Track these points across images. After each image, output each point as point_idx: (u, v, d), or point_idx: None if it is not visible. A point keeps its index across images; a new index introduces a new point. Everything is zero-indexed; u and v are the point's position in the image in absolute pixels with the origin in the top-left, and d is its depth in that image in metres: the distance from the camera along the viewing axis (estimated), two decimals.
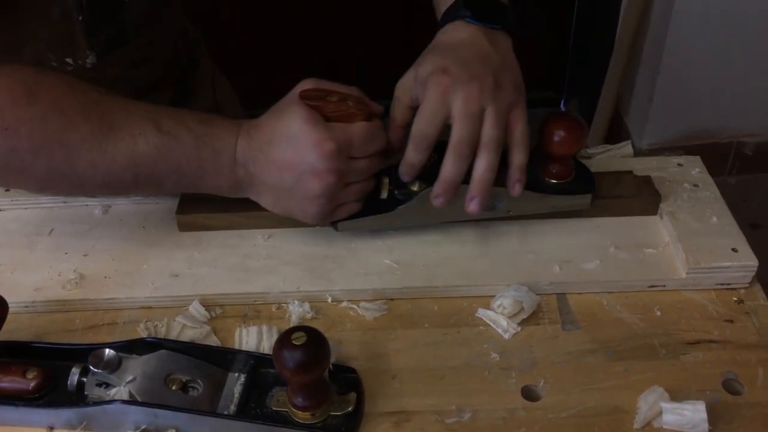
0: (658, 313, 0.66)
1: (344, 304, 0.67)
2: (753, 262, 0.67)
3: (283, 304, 0.67)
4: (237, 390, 0.60)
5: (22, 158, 0.61)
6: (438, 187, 0.65)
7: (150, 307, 0.67)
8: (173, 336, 0.64)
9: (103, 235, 0.74)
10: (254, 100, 1.03)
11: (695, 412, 0.56)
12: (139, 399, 0.57)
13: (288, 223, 0.73)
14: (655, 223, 0.72)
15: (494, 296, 0.66)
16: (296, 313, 0.66)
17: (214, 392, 0.59)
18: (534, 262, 0.69)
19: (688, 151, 0.80)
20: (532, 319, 0.65)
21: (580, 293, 0.67)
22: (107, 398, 0.58)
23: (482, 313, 0.66)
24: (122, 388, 0.58)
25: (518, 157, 0.66)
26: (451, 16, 0.69)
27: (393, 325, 0.66)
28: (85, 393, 0.58)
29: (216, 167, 0.64)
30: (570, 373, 0.61)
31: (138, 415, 0.57)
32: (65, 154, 0.61)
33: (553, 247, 0.70)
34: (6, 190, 0.77)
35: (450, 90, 0.62)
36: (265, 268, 0.70)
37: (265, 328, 0.64)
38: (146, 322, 0.66)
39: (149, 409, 0.57)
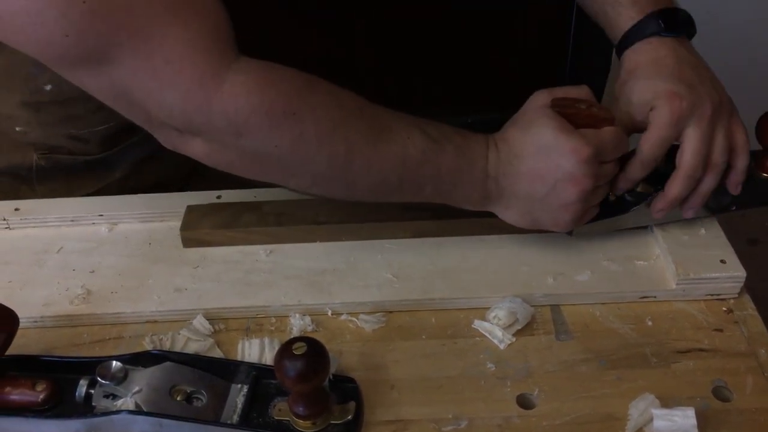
0: (650, 323, 0.67)
1: (344, 316, 0.69)
2: (741, 272, 0.68)
3: (285, 317, 0.69)
4: (240, 400, 0.61)
5: (308, 147, 0.60)
6: (663, 203, 0.68)
7: (155, 321, 0.69)
8: (178, 349, 0.66)
9: (109, 252, 0.76)
10: None
11: (685, 418, 0.57)
12: (145, 409, 0.59)
13: (289, 238, 0.75)
14: (646, 235, 0.74)
15: (490, 308, 0.68)
16: (297, 325, 0.68)
17: (218, 403, 0.61)
18: (528, 274, 0.71)
19: None
20: (526, 329, 0.67)
21: (573, 304, 0.69)
22: (114, 409, 0.59)
23: (478, 324, 0.67)
24: (129, 399, 0.59)
25: (742, 162, 0.69)
26: (639, 34, 0.69)
27: (391, 336, 0.67)
28: (93, 404, 0.60)
29: (470, 178, 0.65)
30: (564, 381, 0.63)
31: (144, 425, 0.59)
32: (346, 148, 0.61)
33: (546, 259, 0.72)
34: (15, 209, 0.79)
35: (684, 116, 0.65)
36: (266, 282, 0.72)
37: (266, 340, 0.66)
38: (151, 335, 0.68)
39: (155, 419, 0.58)
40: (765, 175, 0.73)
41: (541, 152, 0.64)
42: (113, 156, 0.87)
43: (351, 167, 0.62)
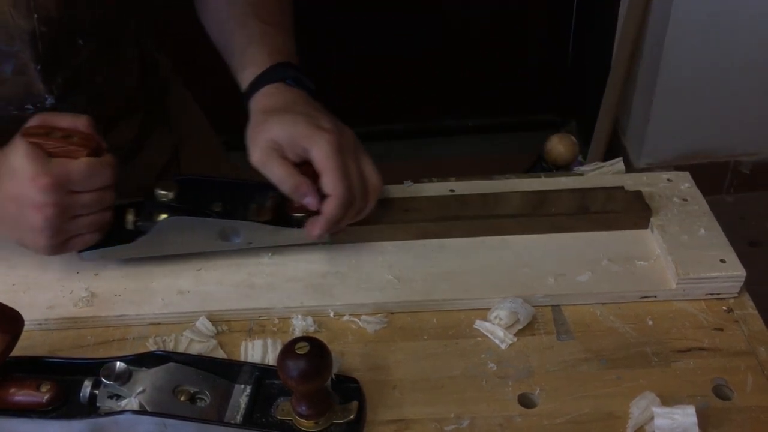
0: (650, 323, 0.68)
1: (346, 317, 0.70)
2: (740, 272, 0.69)
3: (287, 319, 0.70)
4: (243, 401, 0.62)
5: None
6: (322, 226, 0.70)
7: (159, 324, 0.70)
8: (181, 350, 0.67)
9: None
10: (227, 126, 1.06)
11: (685, 416, 0.58)
12: (149, 410, 0.59)
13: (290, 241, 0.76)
14: (646, 236, 0.75)
15: (491, 308, 0.68)
16: (299, 327, 0.68)
17: (221, 403, 0.61)
18: (529, 275, 0.71)
19: (686, 170, 0.82)
20: (527, 329, 0.67)
21: (574, 304, 0.70)
22: (118, 409, 0.60)
23: (479, 324, 0.68)
24: (133, 399, 0.60)
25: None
26: (267, 79, 0.75)
27: (393, 337, 0.68)
28: (97, 405, 0.61)
29: None
30: (565, 381, 0.63)
31: (148, 425, 0.59)
32: None
33: (547, 260, 0.73)
34: None
35: (339, 144, 0.69)
36: (269, 284, 0.72)
37: (269, 341, 0.67)
38: (155, 337, 0.68)
39: (159, 419, 0.59)
40: (296, 214, 0.73)
41: (12, 176, 0.66)
42: None
43: None
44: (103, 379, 0.60)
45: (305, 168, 0.70)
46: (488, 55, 2.11)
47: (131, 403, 0.60)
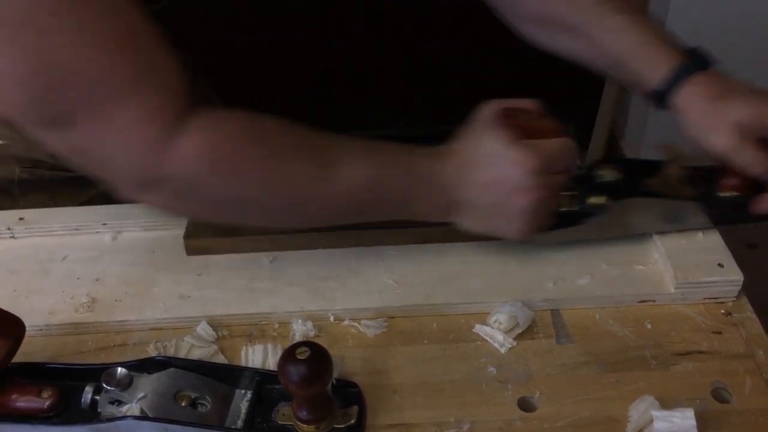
0: (649, 326, 0.68)
1: (346, 322, 0.70)
2: (739, 276, 0.69)
3: (287, 323, 0.70)
4: (244, 405, 0.62)
5: (261, 193, 0.63)
6: None
7: (159, 329, 0.70)
8: (182, 355, 0.67)
9: (113, 260, 0.77)
10: None
11: (684, 419, 0.58)
12: (150, 415, 0.59)
13: (291, 245, 0.76)
14: (645, 240, 0.75)
15: (490, 312, 0.69)
16: (300, 331, 0.69)
17: (222, 408, 0.62)
18: (529, 279, 0.72)
19: None
20: (527, 333, 0.68)
21: (573, 308, 0.70)
22: (120, 415, 0.60)
23: (479, 328, 0.68)
24: (134, 404, 0.60)
25: None
26: (688, 69, 0.72)
27: (393, 341, 0.68)
28: (98, 410, 0.61)
29: (423, 193, 0.66)
30: (564, 384, 0.63)
31: (149, 430, 0.59)
32: (295, 190, 0.63)
33: (547, 265, 0.73)
34: (20, 219, 0.80)
35: None
36: (269, 289, 0.72)
37: (270, 346, 0.67)
38: (156, 342, 0.68)
39: (160, 424, 0.59)
40: (725, 193, 0.73)
41: (491, 163, 0.65)
42: None
43: (304, 207, 0.64)
44: (105, 385, 0.60)
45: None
46: (484, 61, 2.12)
47: (132, 408, 0.60)
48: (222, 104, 1.05)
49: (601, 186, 0.72)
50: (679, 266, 0.70)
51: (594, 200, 0.71)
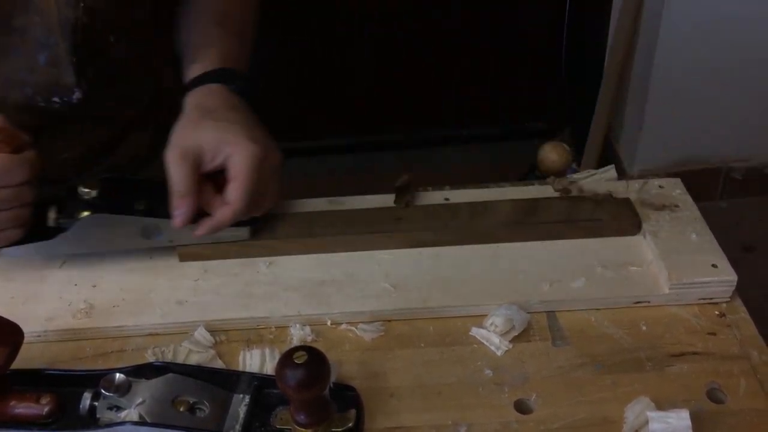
0: (644, 328, 0.69)
1: (343, 326, 0.70)
2: (732, 277, 0.70)
3: (285, 328, 0.70)
4: (242, 410, 0.62)
5: None
6: (211, 227, 0.72)
7: (157, 334, 0.70)
8: (180, 360, 0.67)
9: (111, 266, 0.77)
10: None
11: (680, 420, 0.58)
12: (148, 420, 0.60)
13: (285, 251, 0.76)
14: (639, 242, 0.76)
15: (486, 315, 0.69)
16: (297, 335, 0.69)
17: (220, 413, 0.62)
18: (524, 282, 0.72)
19: (679, 177, 0.83)
20: (523, 336, 0.68)
21: (569, 311, 0.70)
22: (118, 420, 0.60)
23: (475, 331, 0.69)
24: (132, 410, 0.60)
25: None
26: (212, 78, 0.78)
27: (390, 345, 0.68)
28: (97, 416, 0.61)
29: None
30: (560, 386, 0.64)
31: None
32: None
33: (542, 267, 0.74)
34: None
35: (261, 159, 0.72)
36: (266, 294, 0.73)
37: (267, 350, 0.67)
38: (153, 348, 0.68)
39: (158, 429, 0.59)
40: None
41: None
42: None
43: None
44: (103, 391, 0.61)
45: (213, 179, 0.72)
46: (481, 65, 2.12)
47: (131, 414, 0.60)
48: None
49: (83, 202, 0.72)
50: (673, 267, 0.70)
51: (80, 215, 0.72)
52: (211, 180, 0.73)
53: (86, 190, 0.73)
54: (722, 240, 0.74)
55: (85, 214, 0.72)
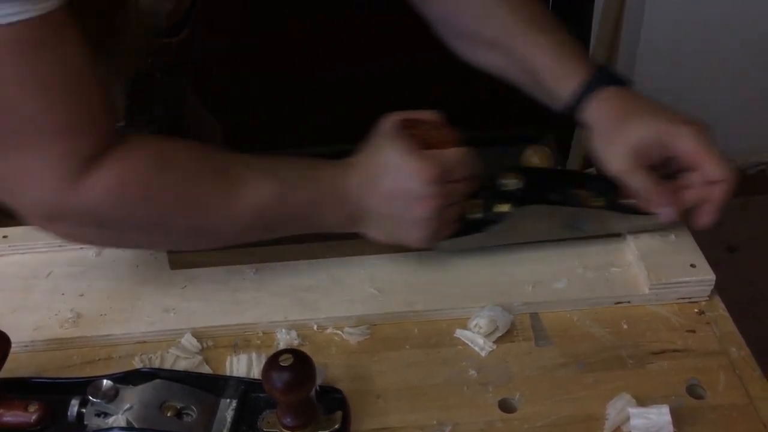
0: (625, 327, 0.70)
1: (329, 330, 0.71)
2: (710, 276, 0.71)
3: (272, 333, 0.71)
4: (229, 414, 0.63)
5: (167, 221, 0.66)
6: (713, 213, 0.70)
7: (145, 342, 0.71)
8: (167, 367, 0.67)
9: (98, 275, 0.77)
10: (237, 142, 1.08)
11: (660, 415, 0.59)
12: (136, 426, 0.60)
13: (273, 257, 0.77)
14: (620, 243, 0.77)
15: (471, 317, 0.70)
16: (284, 340, 0.70)
17: (208, 417, 0.62)
18: (507, 283, 0.73)
19: None
20: (507, 337, 0.69)
21: (551, 311, 0.72)
22: (106, 427, 0.61)
23: (460, 333, 0.70)
24: (120, 416, 0.61)
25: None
26: (598, 83, 0.74)
27: (376, 348, 0.69)
28: (85, 423, 0.61)
29: (330, 207, 0.68)
30: (544, 385, 0.65)
31: None
32: (203, 213, 0.66)
33: (525, 269, 0.75)
34: (3, 237, 0.81)
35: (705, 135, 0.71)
36: (253, 300, 0.73)
37: (254, 355, 0.68)
38: (141, 355, 0.69)
39: None
40: (626, 200, 0.75)
41: (391, 173, 0.67)
42: None
43: (213, 227, 0.67)
44: (90, 397, 0.61)
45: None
46: (465, 70, 2.14)
47: (118, 420, 0.60)
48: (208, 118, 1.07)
49: (506, 194, 0.73)
50: (652, 268, 0.72)
51: (498, 208, 0.73)
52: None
53: (510, 181, 0.73)
54: (706, 240, 0.75)
55: (505, 206, 0.72)
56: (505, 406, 0.63)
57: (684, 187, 0.71)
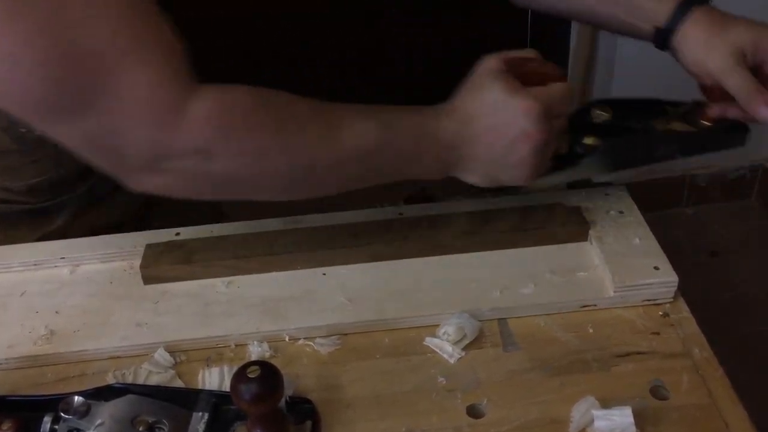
0: (591, 330, 0.71)
1: (301, 341, 0.72)
2: (673, 278, 0.72)
3: (244, 346, 0.72)
4: (201, 428, 0.63)
5: (272, 160, 0.63)
6: None
7: (118, 357, 0.71)
8: (140, 382, 0.68)
9: (72, 292, 0.78)
10: None
11: (623, 416, 0.61)
12: None
13: (246, 270, 0.78)
14: (586, 248, 0.78)
15: (440, 325, 0.71)
16: (256, 353, 0.70)
17: (180, 431, 0.63)
18: (476, 290, 0.74)
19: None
20: (475, 343, 0.70)
21: (519, 317, 0.73)
22: None
23: (429, 341, 0.71)
24: (92, 431, 0.61)
25: None
26: (689, 4, 0.75)
27: (347, 357, 0.70)
28: None
29: (429, 152, 0.68)
30: (511, 390, 0.66)
31: None
32: (307, 154, 0.64)
33: (493, 275, 0.76)
34: None
35: None
36: (225, 312, 0.74)
37: (226, 368, 0.68)
38: (114, 371, 0.70)
39: None
40: (706, 123, 0.77)
41: (494, 112, 0.67)
42: (52, 206, 0.88)
43: (314, 171, 0.65)
44: (62, 414, 0.62)
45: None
46: (448, 81, 2.16)
47: None
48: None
49: (594, 126, 0.74)
50: (617, 271, 0.73)
51: (588, 141, 0.74)
52: None
53: (600, 113, 0.73)
54: (689, 245, 0.77)
55: (591, 139, 0.72)
56: (473, 412, 0.64)
57: None
